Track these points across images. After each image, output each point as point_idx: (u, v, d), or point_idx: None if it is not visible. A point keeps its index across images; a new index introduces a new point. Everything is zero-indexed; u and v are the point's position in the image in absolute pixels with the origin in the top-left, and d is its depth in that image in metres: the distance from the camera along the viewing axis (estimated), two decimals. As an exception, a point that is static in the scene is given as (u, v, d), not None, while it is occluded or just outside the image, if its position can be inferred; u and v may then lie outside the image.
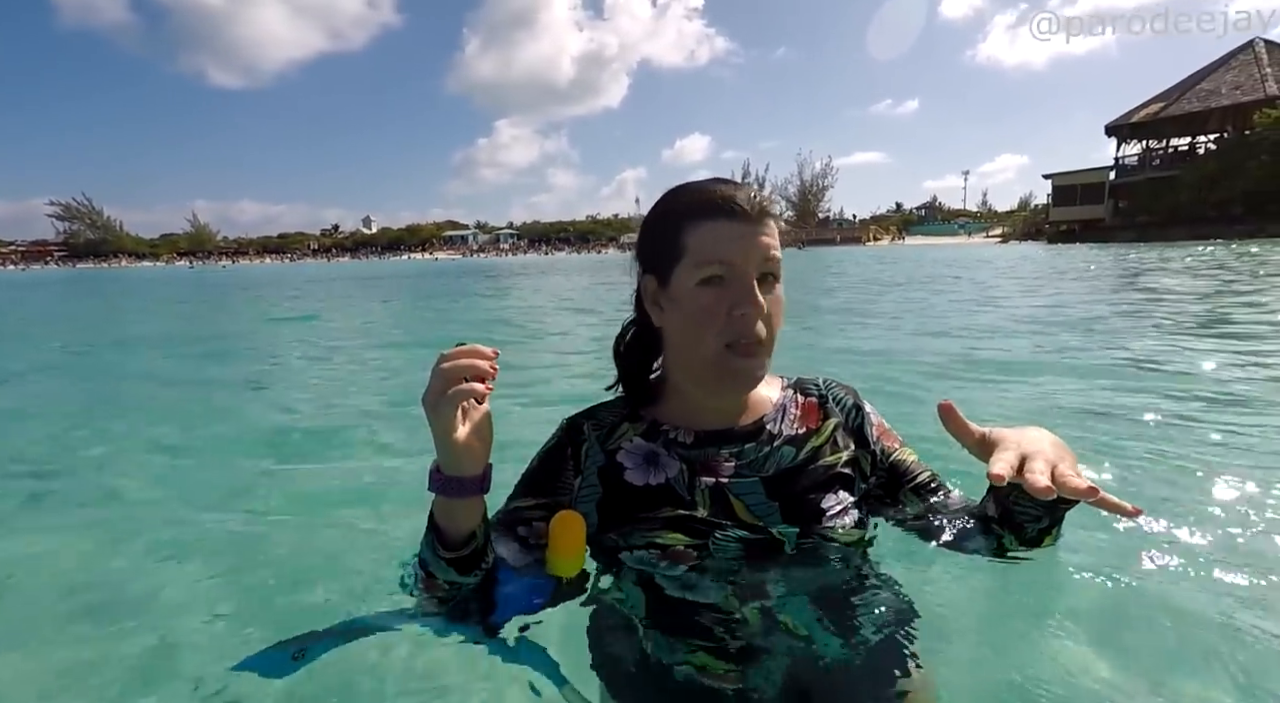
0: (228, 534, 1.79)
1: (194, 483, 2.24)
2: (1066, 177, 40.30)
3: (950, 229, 69.78)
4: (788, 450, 0.92)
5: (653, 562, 0.86)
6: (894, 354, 4.36)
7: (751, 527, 0.87)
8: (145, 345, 6.28)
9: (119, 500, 2.12)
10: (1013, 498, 0.81)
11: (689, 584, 0.87)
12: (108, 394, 3.98)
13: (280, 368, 4.79)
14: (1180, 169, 33.24)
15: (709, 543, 0.86)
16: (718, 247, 0.82)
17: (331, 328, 7.45)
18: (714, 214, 0.83)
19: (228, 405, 3.46)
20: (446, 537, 0.77)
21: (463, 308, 9.97)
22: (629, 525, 0.88)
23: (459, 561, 0.77)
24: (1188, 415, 2.55)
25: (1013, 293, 8.78)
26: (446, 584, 0.79)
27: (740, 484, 0.89)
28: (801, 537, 0.87)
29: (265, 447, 2.66)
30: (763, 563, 0.87)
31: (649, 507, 0.88)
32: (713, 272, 0.82)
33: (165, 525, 1.85)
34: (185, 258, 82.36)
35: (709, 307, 0.82)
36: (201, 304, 12.11)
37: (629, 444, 0.92)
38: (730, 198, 0.83)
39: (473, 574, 0.79)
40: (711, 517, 0.87)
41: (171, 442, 2.73)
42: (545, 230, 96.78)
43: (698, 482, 0.89)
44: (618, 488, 0.90)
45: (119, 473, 2.40)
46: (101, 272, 50.27)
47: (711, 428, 0.92)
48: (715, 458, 0.90)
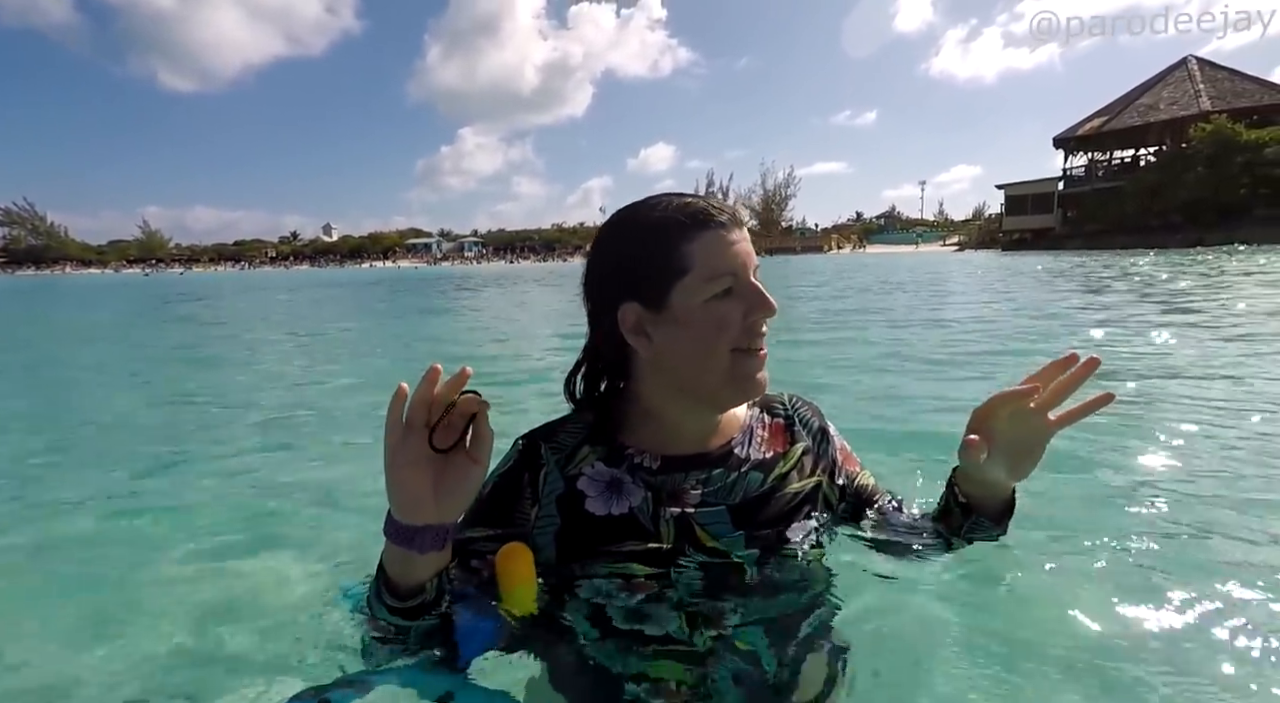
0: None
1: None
2: (1018, 187, 41.75)
3: (909, 238, 71.49)
4: (755, 477, 0.90)
5: (610, 592, 0.84)
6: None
7: (713, 552, 0.86)
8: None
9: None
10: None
11: (643, 615, 0.83)
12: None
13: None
14: (1124, 180, 34.79)
15: (670, 572, 0.84)
16: (723, 259, 0.80)
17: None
18: (709, 227, 0.80)
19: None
20: (394, 584, 0.71)
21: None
22: (589, 558, 0.84)
23: (405, 612, 0.72)
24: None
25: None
26: (392, 627, 0.73)
27: (706, 514, 0.86)
28: (761, 561, 0.87)
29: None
30: (721, 590, 0.85)
31: (610, 539, 0.84)
32: (725, 284, 0.80)
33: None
34: (139, 265, 79.50)
35: (725, 318, 0.80)
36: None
37: (590, 470, 0.87)
38: (715, 208, 0.81)
39: (421, 620, 0.73)
40: (675, 547, 0.85)
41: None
42: (510, 239, 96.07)
43: (662, 512, 0.85)
44: (577, 518, 0.85)
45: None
46: (41, 279, 47.76)
47: (679, 453, 0.88)
48: (681, 486, 0.87)
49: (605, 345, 0.87)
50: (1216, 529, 1.60)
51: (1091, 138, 37.41)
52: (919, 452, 2.25)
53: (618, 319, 0.83)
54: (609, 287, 0.84)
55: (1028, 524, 1.39)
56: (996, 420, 0.80)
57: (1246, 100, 32.38)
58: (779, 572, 0.87)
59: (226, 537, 1.84)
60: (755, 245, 0.83)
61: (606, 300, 0.84)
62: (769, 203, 77.48)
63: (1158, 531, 1.61)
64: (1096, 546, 1.51)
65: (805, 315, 7.73)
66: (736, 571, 0.86)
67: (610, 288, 0.84)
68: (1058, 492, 1.86)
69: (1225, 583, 1.30)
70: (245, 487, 2.31)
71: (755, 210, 78.92)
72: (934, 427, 2.67)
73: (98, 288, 21.55)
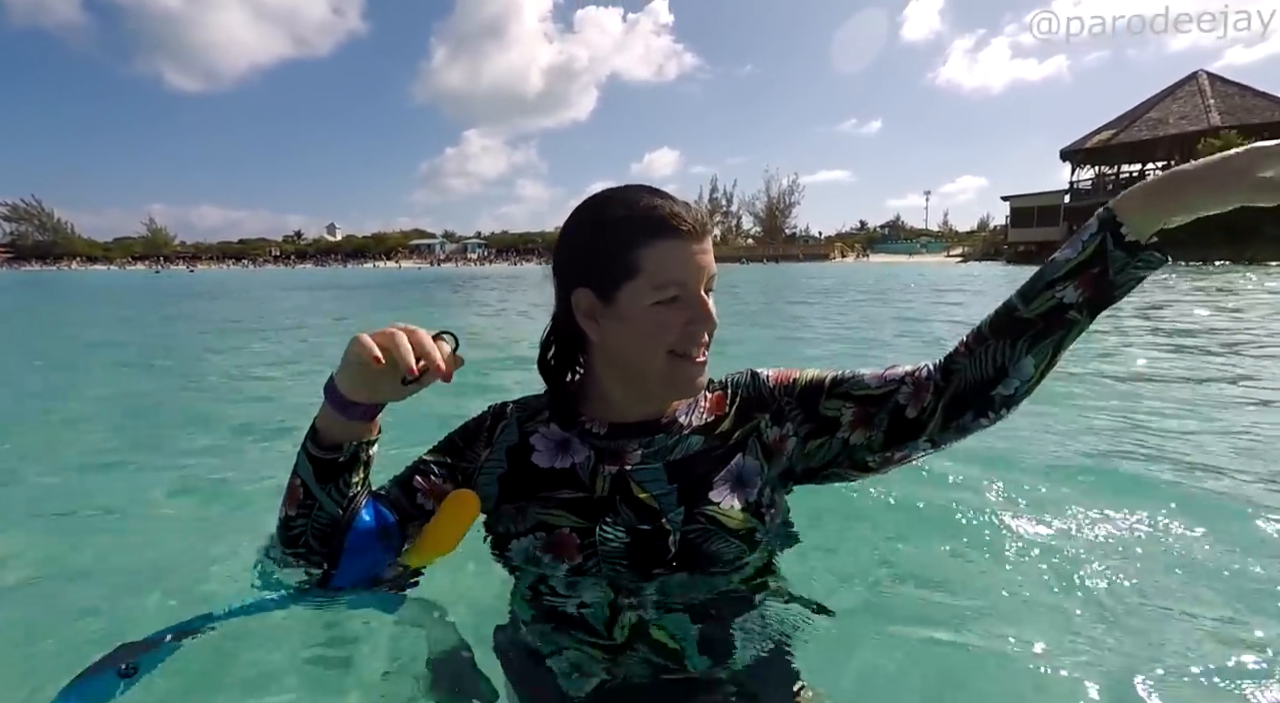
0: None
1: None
2: (1024, 199, 41.58)
3: (912, 248, 71.34)
4: (695, 439, 0.93)
5: (535, 554, 0.87)
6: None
7: (644, 509, 0.87)
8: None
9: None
10: (1136, 259, 0.79)
11: (572, 587, 0.88)
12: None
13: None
14: (1131, 194, 34.50)
15: (596, 530, 0.86)
16: (674, 269, 0.82)
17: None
18: (665, 234, 0.82)
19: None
20: (320, 437, 0.80)
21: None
22: (525, 501, 0.90)
23: (321, 464, 0.80)
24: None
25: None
26: (303, 489, 0.81)
27: (643, 471, 0.90)
28: (687, 522, 0.86)
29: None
30: (645, 567, 0.86)
31: (548, 487, 0.90)
32: (670, 293, 0.82)
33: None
34: (148, 262, 79.80)
35: (665, 324, 0.83)
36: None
37: (545, 429, 0.95)
38: (679, 216, 0.82)
39: (327, 490, 0.81)
40: (606, 498, 0.88)
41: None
42: (514, 241, 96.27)
43: (601, 468, 0.90)
44: (522, 467, 0.92)
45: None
46: (47, 275, 48.09)
47: (626, 421, 0.93)
48: (625, 448, 0.91)
49: (563, 322, 0.91)
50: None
51: (1099, 151, 37.27)
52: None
53: (572, 302, 0.87)
54: (567, 270, 0.88)
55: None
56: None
57: (1257, 116, 32.15)
58: (706, 542, 0.87)
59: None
60: (757, 253, 0.75)
61: (564, 282, 0.88)
62: (772, 210, 77.47)
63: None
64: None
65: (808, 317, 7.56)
66: (661, 540, 0.86)
67: (568, 271, 0.88)
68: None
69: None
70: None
71: (759, 217, 78.96)
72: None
73: (117, 288, 21.38)
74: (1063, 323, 0.81)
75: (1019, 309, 0.83)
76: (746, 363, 0.99)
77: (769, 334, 6.44)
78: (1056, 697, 1.00)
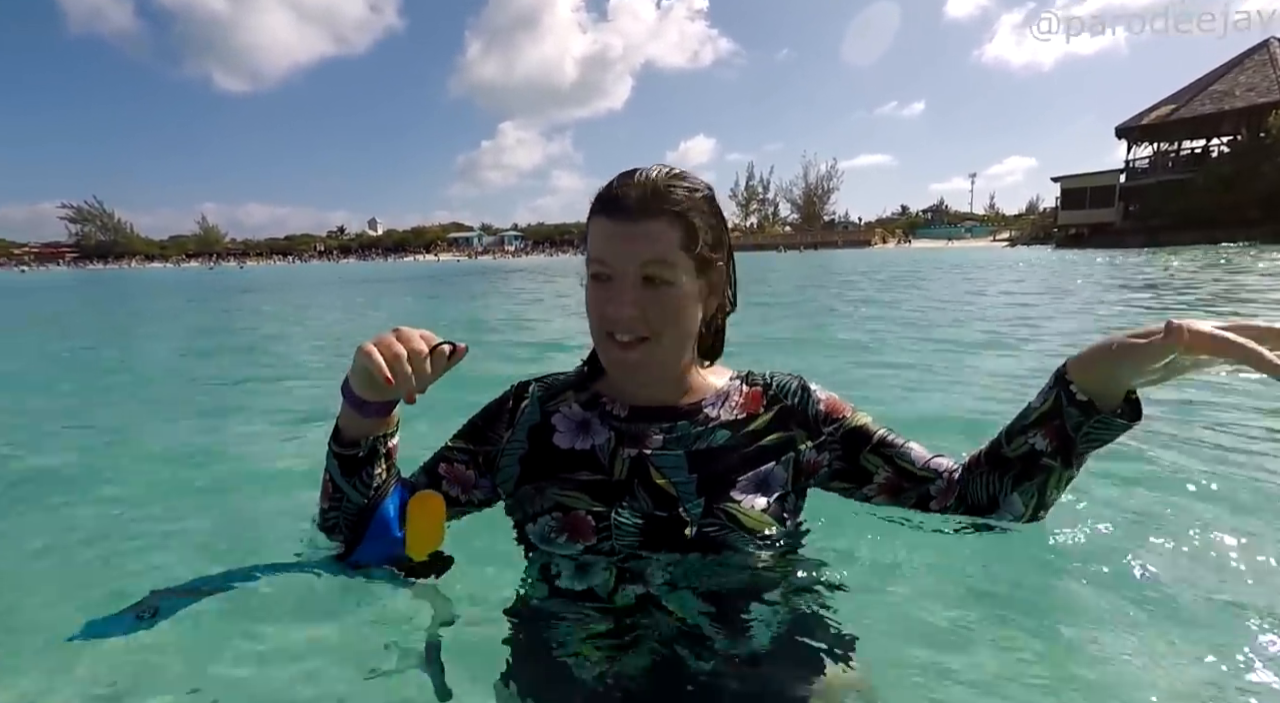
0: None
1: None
2: (1075, 180, 39.86)
3: (956, 232, 69.35)
4: (722, 434, 0.91)
5: (551, 535, 0.87)
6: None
7: (661, 495, 0.86)
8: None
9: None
10: (1092, 420, 0.80)
11: (582, 568, 0.88)
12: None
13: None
14: (1193, 172, 32.83)
15: (611, 515, 0.86)
16: (598, 246, 0.85)
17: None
18: (600, 211, 0.85)
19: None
20: (341, 434, 0.84)
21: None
22: (545, 481, 0.90)
23: (344, 459, 0.84)
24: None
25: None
26: (331, 483, 0.86)
27: (663, 457, 0.89)
28: (706, 515, 0.85)
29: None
30: (658, 551, 0.86)
31: (568, 468, 0.90)
32: (595, 269, 0.85)
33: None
34: (201, 259, 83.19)
35: (591, 301, 0.87)
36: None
37: (567, 409, 0.95)
38: (617, 196, 0.83)
39: (352, 483, 0.85)
40: (624, 482, 0.88)
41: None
42: (550, 232, 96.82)
43: (621, 451, 0.90)
44: (544, 447, 0.93)
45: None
46: (113, 272, 50.71)
47: (647, 404, 0.93)
48: (646, 432, 0.91)
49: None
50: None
51: (1158, 127, 35.38)
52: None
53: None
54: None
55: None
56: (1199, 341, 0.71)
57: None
58: (722, 534, 0.85)
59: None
60: (794, 240, 0.64)
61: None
62: (810, 196, 76.14)
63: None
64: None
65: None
66: (677, 528, 0.85)
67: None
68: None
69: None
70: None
71: (796, 204, 77.75)
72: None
73: (186, 283, 22.48)
74: (1040, 468, 0.86)
75: (1003, 447, 0.89)
76: (769, 353, 0.95)
77: (793, 325, 6.27)
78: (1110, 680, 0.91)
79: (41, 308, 11.50)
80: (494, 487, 0.95)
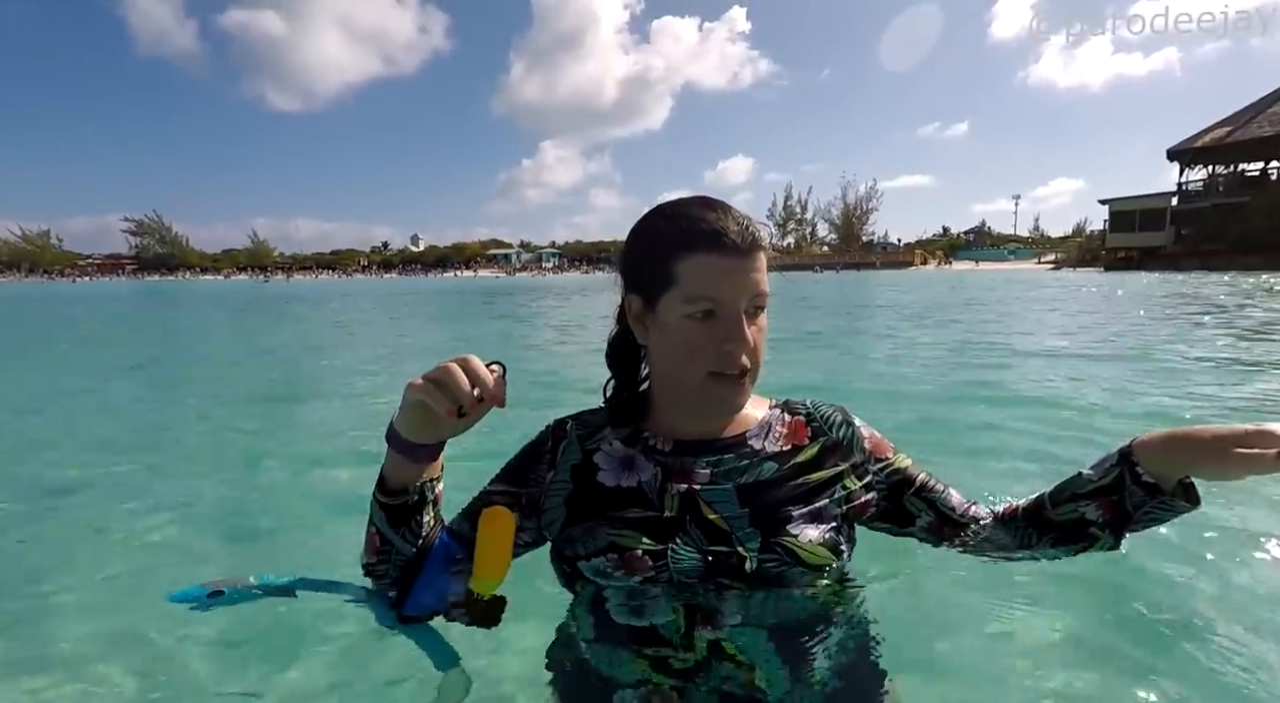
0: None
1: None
2: (1125, 202, 38.83)
3: (999, 254, 67.82)
4: (770, 466, 0.90)
5: (608, 571, 0.85)
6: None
7: (715, 531, 0.85)
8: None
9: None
10: (1156, 501, 0.81)
11: (638, 603, 0.85)
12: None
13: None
14: (1251, 195, 31.73)
15: (668, 551, 0.84)
16: (708, 283, 0.81)
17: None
18: (705, 248, 0.81)
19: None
20: (387, 483, 0.83)
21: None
22: (594, 522, 0.88)
23: (390, 508, 0.84)
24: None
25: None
26: (378, 536, 0.85)
27: (712, 492, 0.88)
28: (764, 551, 0.84)
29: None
30: (719, 584, 0.84)
31: (617, 507, 0.88)
32: (703, 307, 0.82)
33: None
34: (259, 272, 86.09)
35: (696, 340, 0.83)
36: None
37: (608, 447, 0.93)
38: (722, 231, 0.81)
39: (401, 533, 0.85)
40: (676, 518, 0.86)
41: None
42: (587, 250, 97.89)
43: (669, 487, 0.88)
44: (589, 487, 0.90)
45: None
46: (168, 284, 52.88)
47: (691, 438, 0.92)
48: (692, 466, 0.89)
49: (621, 323, 0.94)
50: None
51: (1213, 150, 34.34)
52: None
53: (625, 305, 0.91)
54: (624, 274, 0.91)
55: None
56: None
57: (1402, 107, 28.92)
58: (784, 572, 0.84)
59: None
60: (831, 260, 0.73)
61: (623, 284, 0.91)
62: (849, 216, 75.51)
63: None
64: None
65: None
66: (737, 564, 0.83)
67: (625, 276, 0.91)
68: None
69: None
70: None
71: (834, 224, 77.10)
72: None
73: (243, 296, 23.63)
74: (1085, 536, 0.86)
75: (1047, 508, 0.89)
76: (801, 377, 1.02)
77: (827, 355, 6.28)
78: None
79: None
80: (539, 529, 0.92)
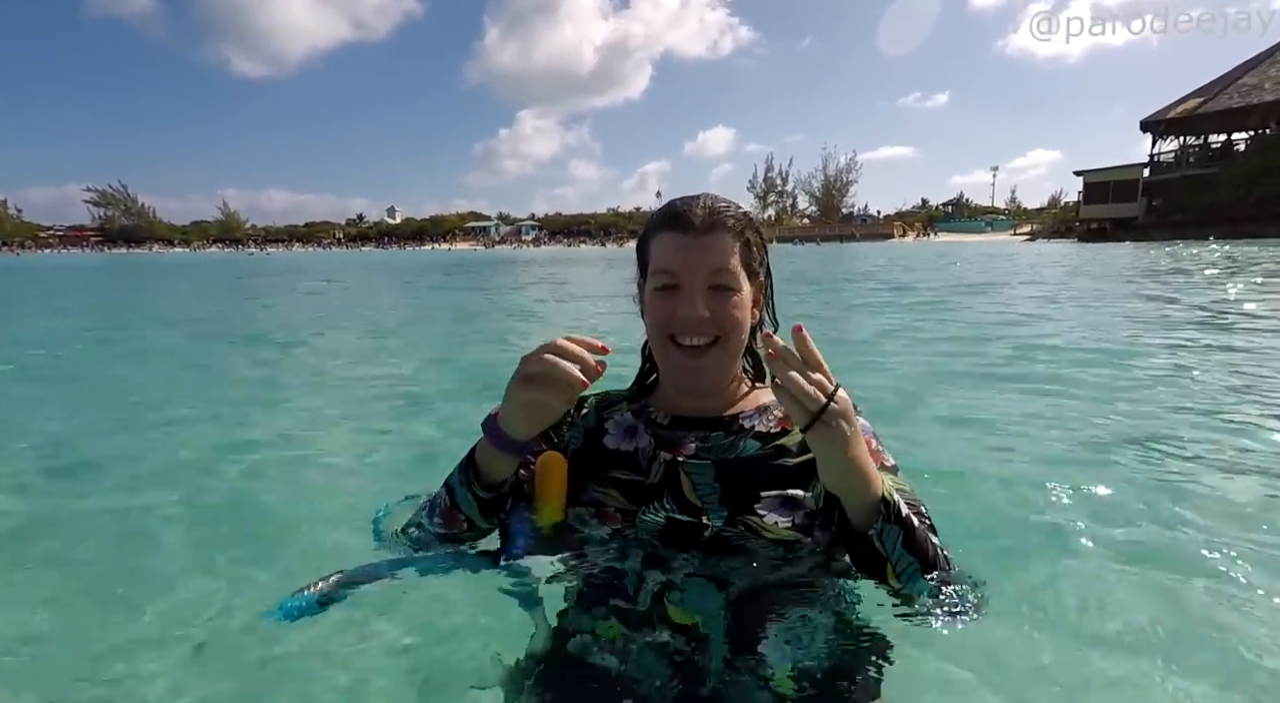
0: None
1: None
2: (1098, 174, 39.37)
3: (977, 226, 68.52)
4: (751, 444, 0.96)
5: (585, 518, 0.95)
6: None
7: (688, 506, 0.92)
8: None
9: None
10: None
11: (605, 549, 0.94)
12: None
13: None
14: (1219, 166, 32.33)
15: (638, 512, 0.93)
16: (666, 258, 0.93)
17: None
18: (668, 227, 0.93)
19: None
20: (484, 477, 0.90)
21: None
22: (586, 476, 0.98)
23: (485, 502, 0.91)
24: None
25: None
26: (465, 521, 0.92)
27: (693, 465, 0.95)
28: (728, 524, 0.90)
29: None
30: (679, 545, 0.92)
31: (610, 467, 0.98)
32: (663, 281, 0.93)
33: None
34: (219, 244, 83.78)
35: (660, 312, 0.94)
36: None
37: (619, 416, 1.04)
38: (684, 211, 0.92)
39: (489, 521, 0.93)
40: (656, 485, 0.94)
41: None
42: (567, 223, 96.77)
43: (658, 455, 0.97)
44: (594, 447, 1.02)
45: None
46: (136, 257, 51.20)
47: (690, 414, 1.00)
48: (682, 439, 0.98)
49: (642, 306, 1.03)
50: None
51: (1184, 121, 34.85)
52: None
53: (639, 288, 1.03)
54: (637, 263, 1.03)
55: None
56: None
57: (1367, 79, 29.46)
58: (743, 541, 0.90)
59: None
60: (811, 232, 0.84)
61: (637, 274, 1.03)
62: (829, 188, 75.54)
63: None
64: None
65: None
66: (697, 530, 0.91)
67: (638, 264, 1.03)
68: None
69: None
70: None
71: (815, 197, 77.11)
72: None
73: (243, 268, 22.32)
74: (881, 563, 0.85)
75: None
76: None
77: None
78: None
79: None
80: None
